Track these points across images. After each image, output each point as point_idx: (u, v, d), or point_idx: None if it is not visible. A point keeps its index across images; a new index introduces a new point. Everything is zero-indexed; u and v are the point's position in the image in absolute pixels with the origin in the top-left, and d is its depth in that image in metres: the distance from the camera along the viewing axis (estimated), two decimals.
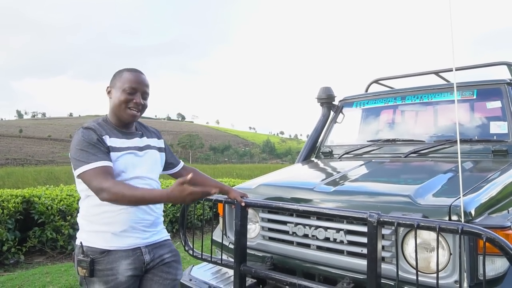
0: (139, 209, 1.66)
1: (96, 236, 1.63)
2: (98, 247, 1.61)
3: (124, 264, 1.62)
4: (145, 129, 1.88)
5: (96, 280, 1.60)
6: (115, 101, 1.70)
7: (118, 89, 1.69)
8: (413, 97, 3.11)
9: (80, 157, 1.56)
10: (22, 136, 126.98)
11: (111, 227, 1.62)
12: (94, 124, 1.67)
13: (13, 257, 4.71)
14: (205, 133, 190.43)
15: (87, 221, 1.67)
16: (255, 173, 23.87)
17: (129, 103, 1.68)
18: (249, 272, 2.01)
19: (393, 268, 1.69)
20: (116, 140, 1.68)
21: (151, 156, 1.79)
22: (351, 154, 3.08)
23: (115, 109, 1.71)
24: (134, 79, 1.70)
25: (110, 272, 1.60)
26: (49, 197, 5.24)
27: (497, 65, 3.37)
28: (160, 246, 1.77)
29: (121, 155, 1.66)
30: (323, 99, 3.58)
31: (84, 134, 1.61)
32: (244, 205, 1.99)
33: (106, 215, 1.62)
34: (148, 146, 1.80)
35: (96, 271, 1.59)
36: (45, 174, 22.64)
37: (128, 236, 1.64)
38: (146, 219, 1.70)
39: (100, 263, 1.60)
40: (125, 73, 1.72)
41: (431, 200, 1.76)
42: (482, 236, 1.32)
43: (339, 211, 1.76)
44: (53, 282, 3.94)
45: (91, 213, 1.66)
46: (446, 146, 2.68)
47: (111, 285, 1.60)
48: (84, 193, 1.67)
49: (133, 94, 1.69)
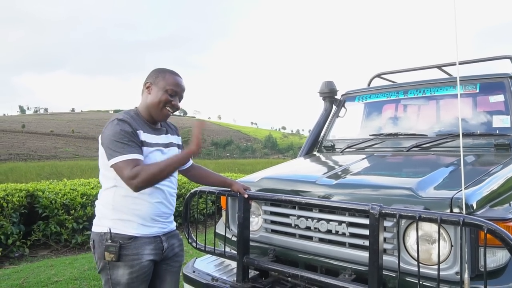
0: (161, 204, 1.82)
1: (123, 224, 1.74)
2: (127, 234, 1.73)
3: (148, 250, 1.77)
4: (167, 126, 1.99)
5: (122, 264, 1.72)
6: (154, 99, 1.79)
7: (160, 89, 1.79)
8: (416, 91, 3.11)
9: (116, 147, 1.66)
10: (24, 131, 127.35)
11: (138, 217, 1.76)
12: (128, 117, 1.75)
13: (18, 250, 4.76)
14: (207, 128, 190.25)
15: (114, 210, 1.76)
16: (257, 168, 23.89)
17: (167, 104, 1.80)
18: (252, 264, 2.04)
19: (394, 260, 1.70)
20: (148, 135, 1.78)
21: (173, 153, 1.89)
22: (353, 148, 3.09)
23: (151, 106, 1.81)
24: (177, 83, 1.83)
25: (136, 257, 1.74)
26: (53, 191, 5.28)
27: (500, 59, 3.36)
28: (172, 235, 1.95)
29: (152, 151, 1.77)
30: (326, 93, 3.58)
31: (120, 126, 1.69)
32: (247, 197, 2.03)
33: (133, 206, 1.75)
34: (171, 144, 1.92)
35: (122, 256, 1.71)
36: (48, 169, 22.73)
37: (152, 226, 1.80)
38: (166, 212, 1.87)
39: (127, 248, 1.72)
40: (168, 75, 1.83)
41: (433, 192, 1.77)
42: (483, 228, 1.34)
43: (341, 204, 1.78)
44: (58, 274, 3.99)
45: (118, 203, 1.76)
46: (448, 140, 2.68)
47: (135, 269, 1.73)
48: (111, 182, 1.76)
49: (173, 96, 1.81)
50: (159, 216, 1.83)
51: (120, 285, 1.74)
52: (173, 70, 1.87)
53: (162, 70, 1.86)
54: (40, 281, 3.78)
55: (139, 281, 1.76)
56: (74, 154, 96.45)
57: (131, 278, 1.73)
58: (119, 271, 1.73)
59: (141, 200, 1.75)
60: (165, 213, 1.87)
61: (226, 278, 2.19)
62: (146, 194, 1.76)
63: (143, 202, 1.76)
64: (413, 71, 3.69)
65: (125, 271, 1.72)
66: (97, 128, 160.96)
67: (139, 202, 1.75)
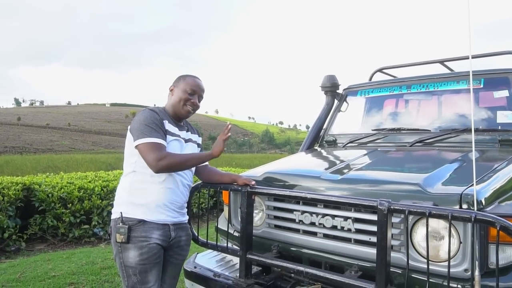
0: (173, 191, 1.96)
1: (134, 208, 1.90)
2: (136, 217, 1.88)
3: (156, 234, 1.90)
4: (190, 126, 2.22)
5: (131, 246, 1.86)
6: (175, 98, 2.04)
7: (181, 90, 2.04)
8: (419, 86, 3.08)
9: (144, 130, 1.86)
10: (20, 124, 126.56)
11: (149, 202, 1.90)
12: (159, 109, 2.00)
13: (14, 244, 4.71)
14: (204, 122, 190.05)
15: (129, 194, 1.93)
16: (254, 162, 23.91)
17: (187, 102, 2.03)
18: (256, 260, 2.00)
19: (402, 256, 1.68)
20: (171, 126, 2.00)
21: (191, 148, 2.10)
22: (356, 143, 3.05)
23: (174, 104, 2.04)
24: (195, 83, 2.06)
25: (144, 239, 1.87)
26: (50, 185, 5.23)
27: (502, 54, 3.33)
28: (181, 227, 2.06)
29: (172, 140, 1.97)
30: (327, 88, 3.54)
31: (151, 114, 1.92)
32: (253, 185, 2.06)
33: (145, 191, 1.91)
34: (190, 140, 2.13)
35: (131, 238, 1.85)
36: (44, 162, 22.61)
37: (161, 213, 1.92)
38: (177, 201, 1.99)
39: (136, 231, 1.86)
40: (188, 78, 2.08)
41: (441, 188, 1.74)
42: (495, 225, 1.31)
43: (348, 199, 1.75)
44: (55, 269, 3.94)
45: (134, 187, 1.93)
46: (452, 136, 2.65)
47: (145, 250, 1.86)
48: (131, 167, 1.94)
49: (192, 95, 2.04)
50: (171, 203, 1.95)
51: (132, 267, 1.87)
52: (194, 75, 2.12)
53: (184, 75, 2.11)
54: (37, 275, 3.73)
55: (150, 263, 1.87)
56: (70, 147, 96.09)
57: (141, 260, 1.85)
58: (129, 253, 1.86)
59: (155, 185, 1.90)
60: (176, 201, 1.98)
61: (228, 273, 2.16)
62: (161, 180, 1.91)
63: (156, 187, 1.91)
64: (415, 66, 3.66)
65: (135, 253, 1.85)
66: (94, 121, 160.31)
67: (153, 187, 1.90)
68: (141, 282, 1.87)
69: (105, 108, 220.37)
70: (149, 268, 1.88)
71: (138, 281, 1.87)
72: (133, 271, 1.87)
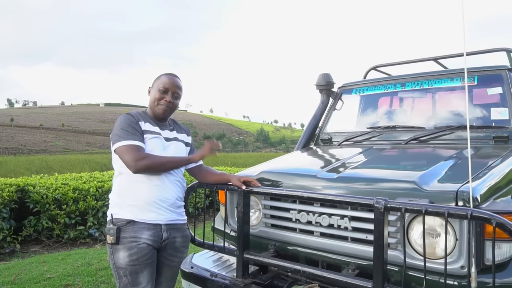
0: (160, 188, 1.93)
1: (123, 209, 1.90)
2: (125, 218, 1.88)
3: (146, 234, 1.88)
4: (177, 126, 2.20)
5: (121, 247, 1.85)
6: (151, 98, 2.05)
7: (155, 89, 2.03)
8: (413, 83, 3.09)
9: (121, 134, 1.89)
10: (13, 125, 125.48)
11: (137, 201, 1.89)
12: (135, 113, 2.02)
13: (9, 246, 4.67)
14: (199, 121, 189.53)
15: (118, 195, 1.95)
16: (249, 161, 23.89)
17: (160, 101, 2.01)
18: (253, 260, 2.00)
19: (398, 254, 1.69)
20: (149, 125, 2.00)
21: (176, 147, 2.07)
22: (351, 141, 3.06)
23: (150, 105, 2.05)
24: (167, 81, 2.03)
25: (133, 240, 1.85)
26: (44, 186, 5.18)
27: (496, 51, 3.35)
28: (175, 228, 2.02)
29: (152, 137, 1.96)
30: (322, 86, 3.54)
31: (126, 117, 1.96)
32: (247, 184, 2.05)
33: (133, 190, 1.91)
34: (175, 139, 2.09)
35: (121, 239, 1.85)
36: (38, 163, 22.43)
37: (151, 211, 1.90)
38: (166, 198, 1.96)
39: (125, 231, 1.86)
40: (162, 76, 2.06)
41: (437, 186, 1.75)
42: (491, 221, 1.32)
43: (345, 198, 1.75)
44: (51, 270, 3.92)
45: (121, 188, 1.95)
46: (447, 133, 2.67)
47: (134, 251, 1.84)
48: (118, 170, 1.96)
49: (165, 93, 2.01)
50: (160, 201, 1.93)
51: (122, 268, 1.85)
52: (169, 72, 2.11)
53: (160, 74, 2.09)
54: (32, 277, 3.71)
55: (140, 264, 1.85)
56: (64, 148, 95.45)
57: (131, 261, 1.84)
58: (119, 254, 1.85)
59: (141, 184, 1.90)
60: (166, 198, 1.95)
61: (225, 273, 2.16)
62: (146, 179, 1.91)
63: (143, 185, 1.90)
64: (409, 63, 3.67)
65: (125, 254, 1.84)
66: (87, 122, 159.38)
67: (140, 186, 1.90)
68: (132, 284, 1.85)
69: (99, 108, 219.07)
70: (139, 269, 1.85)
71: (129, 283, 1.85)
72: (123, 272, 1.85)
